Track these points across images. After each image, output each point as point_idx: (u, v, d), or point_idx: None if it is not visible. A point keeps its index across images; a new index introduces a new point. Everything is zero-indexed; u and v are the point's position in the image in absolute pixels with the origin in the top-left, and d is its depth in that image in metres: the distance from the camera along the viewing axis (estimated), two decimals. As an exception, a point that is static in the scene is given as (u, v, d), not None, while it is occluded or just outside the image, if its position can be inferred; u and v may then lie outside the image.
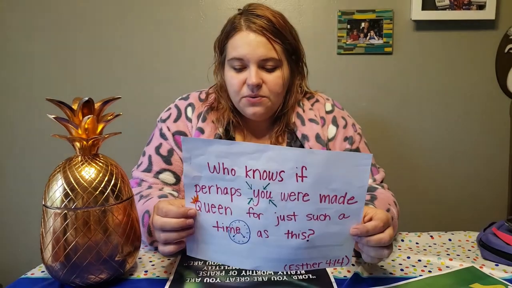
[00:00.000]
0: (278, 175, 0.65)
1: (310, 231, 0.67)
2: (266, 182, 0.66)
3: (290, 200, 0.66)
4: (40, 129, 1.74)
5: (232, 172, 0.67)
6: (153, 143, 1.05)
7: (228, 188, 0.68)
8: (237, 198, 0.68)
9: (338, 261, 0.70)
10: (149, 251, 0.90)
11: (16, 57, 1.72)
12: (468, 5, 1.61)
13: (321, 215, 0.66)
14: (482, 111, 1.73)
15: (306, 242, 0.68)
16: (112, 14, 1.68)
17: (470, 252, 0.90)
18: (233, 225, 0.69)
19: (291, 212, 0.66)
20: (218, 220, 0.70)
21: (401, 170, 1.75)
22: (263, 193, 0.66)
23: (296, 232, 0.67)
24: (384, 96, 1.71)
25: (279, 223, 0.67)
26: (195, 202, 0.71)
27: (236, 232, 0.69)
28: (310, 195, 0.65)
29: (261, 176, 0.66)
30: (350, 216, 0.67)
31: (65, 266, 0.69)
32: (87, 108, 0.72)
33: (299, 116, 1.06)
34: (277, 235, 0.68)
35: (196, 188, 0.70)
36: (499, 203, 1.77)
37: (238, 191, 0.68)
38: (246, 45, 0.95)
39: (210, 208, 0.70)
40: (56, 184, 0.69)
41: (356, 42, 1.66)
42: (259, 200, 0.67)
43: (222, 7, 1.67)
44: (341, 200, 0.65)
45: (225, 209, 0.69)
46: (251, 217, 0.68)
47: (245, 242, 0.69)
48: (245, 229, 0.69)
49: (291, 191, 0.65)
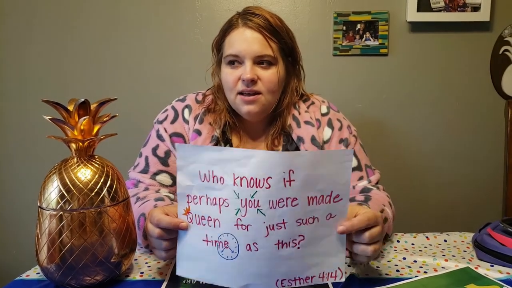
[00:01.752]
0: (266, 181, 0.63)
1: (300, 237, 0.66)
2: (253, 190, 0.64)
3: (279, 207, 0.64)
4: (36, 130, 1.73)
5: (221, 181, 0.66)
6: (150, 144, 1.05)
7: (216, 199, 0.66)
8: (225, 209, 0.66)
9: (331, 275, 0.69)
10: (145, 253, 0.90)
11: (11, 58, 1.71)
12: (463, 7, 1.62)
13: (310, 218, 0.66)
14: (477, 112, 1.74)
15: (297, 250, 0.66)
16: (108, 16, 1.68)
17: (466, 253, 0.91)
18: (222, 239, 0.67)
19: (281, 219, 0.65)
20: (207, 233, 0.68)
21: (397, 171, 1.75)
22: (251, 202, 0.64)
23: (287, 241, 0.66)
24: (379, 98, 1.72)
25: (268, 233, 0.65)
26: (187, 214, 0.70)
27: (224, 247, 0.67)
28: (298, 199, 0.64)
29: (248, 183, 0.64)
30: (336, 215, 0.67)
31: (60, 268, 0.68)
32: (83, 109, 0.72)
33: (295, 118, 1.07)
34: (267, 247, 0.65)
35: (188, 198, 0.69)
36: (494, 204, 1.78)
37: (226, 201, 0.66)
38: (242, 41, 0.96)
39: (200, 220, 0.68)
40: (51, 185, 0.69)
41: (352, 43, 1.66)
42: (246, 210, 0.65)
43: (218, 8, 1.67)
44: (327, 199, 0.66)
45: (214, 221, 0.67)
46: (239, 229, 0.65)
47: (234, 257, 0.66)
48: (234, 243, 0.66)
49: (279, 197, 0.64)
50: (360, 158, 1.06)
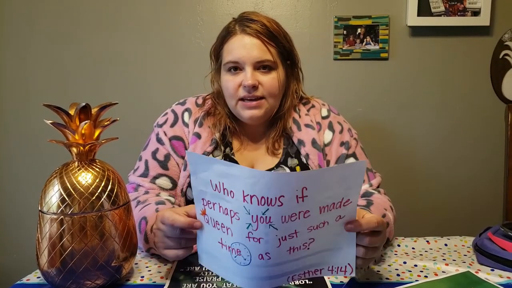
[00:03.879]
0: (278, 200, 0.60)
1: (310, 240, 0.66)
2: (265, 208, 0.61)
3: (291, 220, 0.63)
4: (37, 134, 1.73)
5: (231, 194, 0.63)
6: (150, 148, 1.05)
7: (228, 210, 0.65)
8: (236, 221, 0.64)
9: (341, 269, 0.70)
10: (145, 257, 0.89)
11: (13, 62, 1.72)
12: (463, 12, 1.63)
13: (321, 223, 0.65)
14: (477, 116, 1.74)
15: (308, 251, 0.67)
16: (109, 19, 1.69)
17: (466, 257, 0.91)
18: (234, 247, 0.66)
19: (292, 230, 0.64)
20: (222, 238, 0.68)
21: (397, 175, 1.75)
22: (262, 219, 0.62)
23: (298, 246, 0.66)
24: (380, 101, 1.72)
25: (280, 244, 0.64)
26: (203, 215, 0.70)
27: (237, 254, 0.66)
28: (311, 211, 0.63)
29: (259, 202, 0.61)
30: (345, 215, 0.67)
31: (61, 272, 0.68)
32: (84, 113, 0.72)
33: (295, 121, 1.07)
34: (279, 254, 0.65)
35: (203, 201, 0.69)
36: (494, 208, 1.78)
37: (236, 214, 0.64)
38: (241, 48, 0.96)
39: (215, 224, 0.68)
40: (52, 189, 0.69)
41: (353, 47, 1.66)
42: (258, 226, 0.63)
43: (219, 12, 1.68)
44: (338, 205, 0.65)
45: (227, 229, 0.66)
46: (251, 241, 0.64)
47: (247, 264, 0.66)
48: (246, 252, 0.65)
49: (292, 212, 0.62)
50: (361, 162, 1.06)
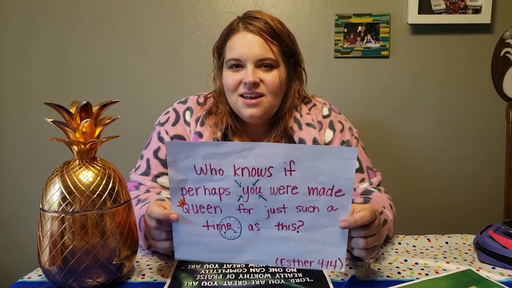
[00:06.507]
0: (267, 170, 0.68)
1: (299, 223, 0.71)
2: (255, 179, 0.69)
3: (280, 193, 0.69)
4: (38, 132, 1.73)
5: (220, 172, 0.70)
6: (151, 147, 1.05)
7: (216, 188, 0.71)
8: (226, 197, 0.71)
9: (330, 263, 0.72)
10: (146, 255, 0.90)
11: (13, 60, 1.72)
12: (464, 9, 1.62)
13: (310, 206, 0.70)
14: (478, 114, 1.74)
15: (297, 234, 0.71)
16: (109, 18, 1.68)
17: (467, 255, 0.91)
18: (224, 222, 0.73)
19: (281, 204, 0.70)
20: (208, 220, 0.73)
21: (398, 173, 1.75)
22: (253, 189, 0.70)
23: (286, 224, 0.71)
24: (381, 99, 1.72)
25: (269, 216, 0.71)
26: (181, 205, 0.73)
27: (227, 229, 0.73)
28: (298, 188, 0.69)
29: (250, 173, 0.69)
30: (338, 208, 0.70)
31: (62, 270, 0.69)
32: (85, 111, 0.72)
33: (297, 120, 1.07)
34: (268, 227, 0.72)
35: (183, 191, 0.72)
36: (495, 206, 1.77)
37: (226, 190, 0.70)
38: (243, 45, 0.97)
39: (198, 209, 0.72)
40: (53, 187, 0.69)
41: (353, 45, 1.66)
42: (248, 196, 0.70)
43: (220, 11, 1.67)
44: (328, 192, 0.69)
45: (215, 208, 0.72)
46: (241, 212, 0.71)
47: (237, 237, 0.73)
48: (236, 225, 0.72)
49: (280, 185, 0.69)
50: (362, 160, 1.06)
